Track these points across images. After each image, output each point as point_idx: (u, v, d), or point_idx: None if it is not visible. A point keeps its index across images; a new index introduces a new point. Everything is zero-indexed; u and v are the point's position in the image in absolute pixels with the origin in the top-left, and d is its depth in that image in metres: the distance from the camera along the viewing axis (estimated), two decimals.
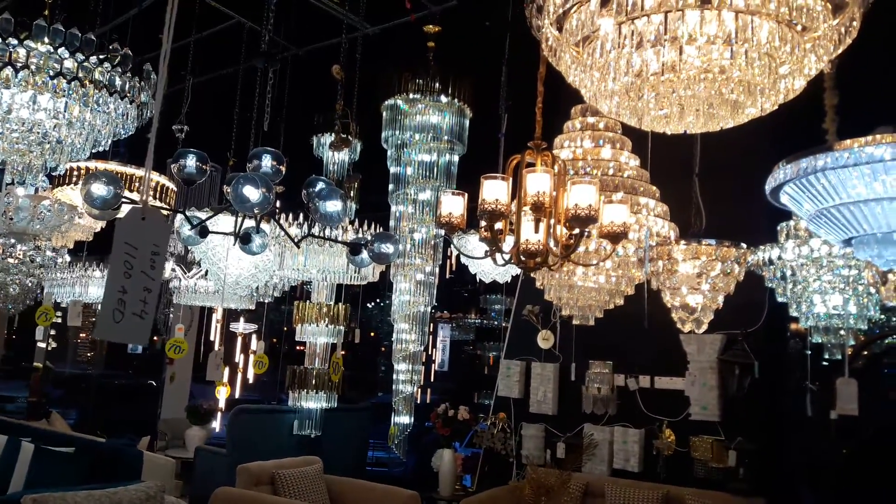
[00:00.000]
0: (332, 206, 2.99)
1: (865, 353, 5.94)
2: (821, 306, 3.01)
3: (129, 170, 4.03)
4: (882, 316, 3.08)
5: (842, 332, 3.11)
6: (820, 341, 3.18)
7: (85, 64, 2.12)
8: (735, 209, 4.98)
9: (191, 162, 2.89)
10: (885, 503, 5.78)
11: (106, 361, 15.90)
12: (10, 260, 4.88)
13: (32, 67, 2.02)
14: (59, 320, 7.96)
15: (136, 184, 4.08)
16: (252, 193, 2.61)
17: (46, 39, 2.05)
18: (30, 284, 5.08)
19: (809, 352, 5.40)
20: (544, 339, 6.71)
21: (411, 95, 5.64)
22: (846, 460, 5.75)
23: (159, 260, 1.28)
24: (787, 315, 3.24)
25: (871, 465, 6.02)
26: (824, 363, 5.43)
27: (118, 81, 2.21)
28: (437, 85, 5.60)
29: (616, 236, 2.96)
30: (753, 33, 1.65)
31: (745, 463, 5.39)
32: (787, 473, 5.91)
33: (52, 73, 2.04)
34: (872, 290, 2.92)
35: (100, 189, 2.62)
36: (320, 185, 3.02)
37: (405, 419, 6.23)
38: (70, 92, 2.09)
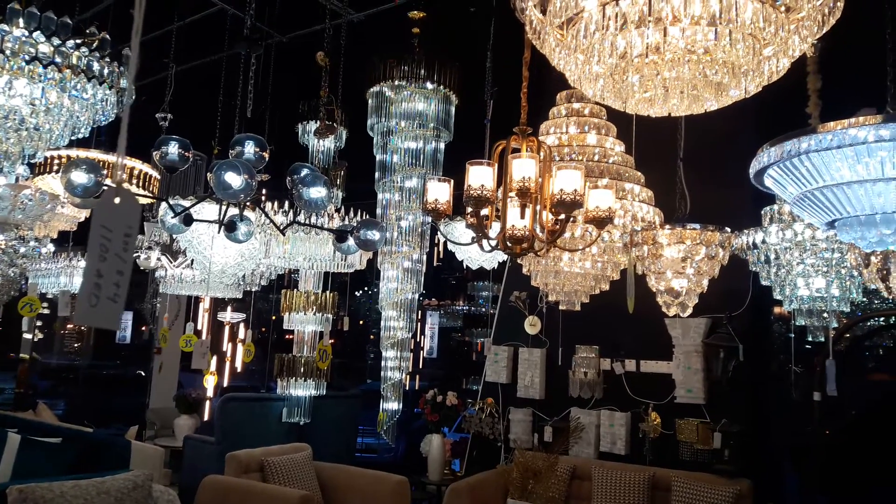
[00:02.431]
0: (316, 192, 2.98)
1: (848, 335, 6.00)
2: (804, 289, 3.04)
3: (110, 157, 3.98)
4: (864, 298, 3.10)
5: (825, 315, 3.14)
6: (803, 324, 3.21)
7: (61, 48, 2.08)
8: (719, 194, 5.00)
9: (173, 149, 2.87)
10: (867, 484, 5.87)
11: (93, 352, 15.81)
12: None
13: (7, 52, 1.97)
14: (47, 311, 7.89)
15: (118, 171, 4.03)
16: (234, 180, 2.60)
17: (21, 23, 2.01)
18: (13, 275, 5.02)
19: (793, 335, 5.46)
20: (531, 325, 6.73)
21: (397, 82, 5.60)
22: (829, 441, 5.83)
23: (131, 242, 1.26)
24: (771, 298, 3.27)
25: (854, 446, 6.10)
26: (808, 346, 5.50)
27: (96, 66, 2.17)
28: (422, 71, 5.56)
29: (601, 221, 2.97)
30: (738, 13, 1.65)
31: (729, 445, 5.45)
32: (772, 455, 5.99)
33: (27, 57, 2.00)
34: (855, 272, 2.94)
35: (80, 177, 2.59)
36: (304, 172, 3.00)
37: (394, 405, 6.24)
38: (46, 77, 2.06)
